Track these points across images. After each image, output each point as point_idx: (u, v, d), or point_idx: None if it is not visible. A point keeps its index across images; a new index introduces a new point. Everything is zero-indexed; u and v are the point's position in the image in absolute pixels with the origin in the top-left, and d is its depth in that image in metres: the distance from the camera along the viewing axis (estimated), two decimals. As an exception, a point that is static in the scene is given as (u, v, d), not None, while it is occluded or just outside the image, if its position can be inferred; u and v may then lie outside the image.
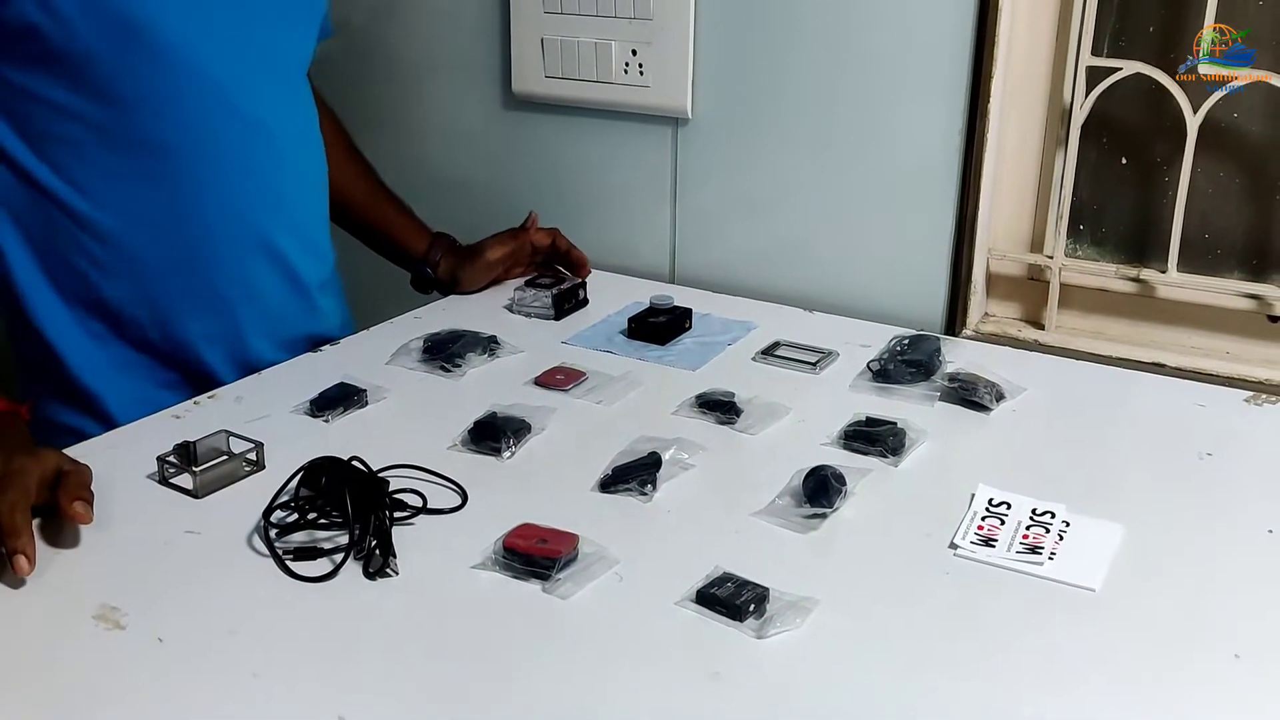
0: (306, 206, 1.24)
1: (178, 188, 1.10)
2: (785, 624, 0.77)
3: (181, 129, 1.08)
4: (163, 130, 1.07)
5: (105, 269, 1.10)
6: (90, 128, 1.05)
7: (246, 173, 1.13)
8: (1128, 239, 1.33)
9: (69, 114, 1.05)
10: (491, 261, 1.39)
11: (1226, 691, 0.73)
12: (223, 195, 1.12)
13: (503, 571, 0.83)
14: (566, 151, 1.52)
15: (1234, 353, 1.27)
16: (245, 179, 1.13)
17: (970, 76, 1.26)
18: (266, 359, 1.19)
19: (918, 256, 1.34)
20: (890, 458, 1.00)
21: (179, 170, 1.09)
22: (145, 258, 1.11)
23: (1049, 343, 1.31)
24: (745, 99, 1.39)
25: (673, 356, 1.23)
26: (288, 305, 1.21)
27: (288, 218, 1.19)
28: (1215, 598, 0.83)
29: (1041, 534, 0.88)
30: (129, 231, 1.09)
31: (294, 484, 0.91)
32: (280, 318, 1.21)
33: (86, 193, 1.08)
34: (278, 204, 1.17)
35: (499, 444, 1.01)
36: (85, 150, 1.06)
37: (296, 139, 1.21)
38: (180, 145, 1.09)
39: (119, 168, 1.07)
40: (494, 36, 1.52)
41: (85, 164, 1.07)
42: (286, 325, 1.22)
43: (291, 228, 1.20)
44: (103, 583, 0.82)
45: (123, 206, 1.09)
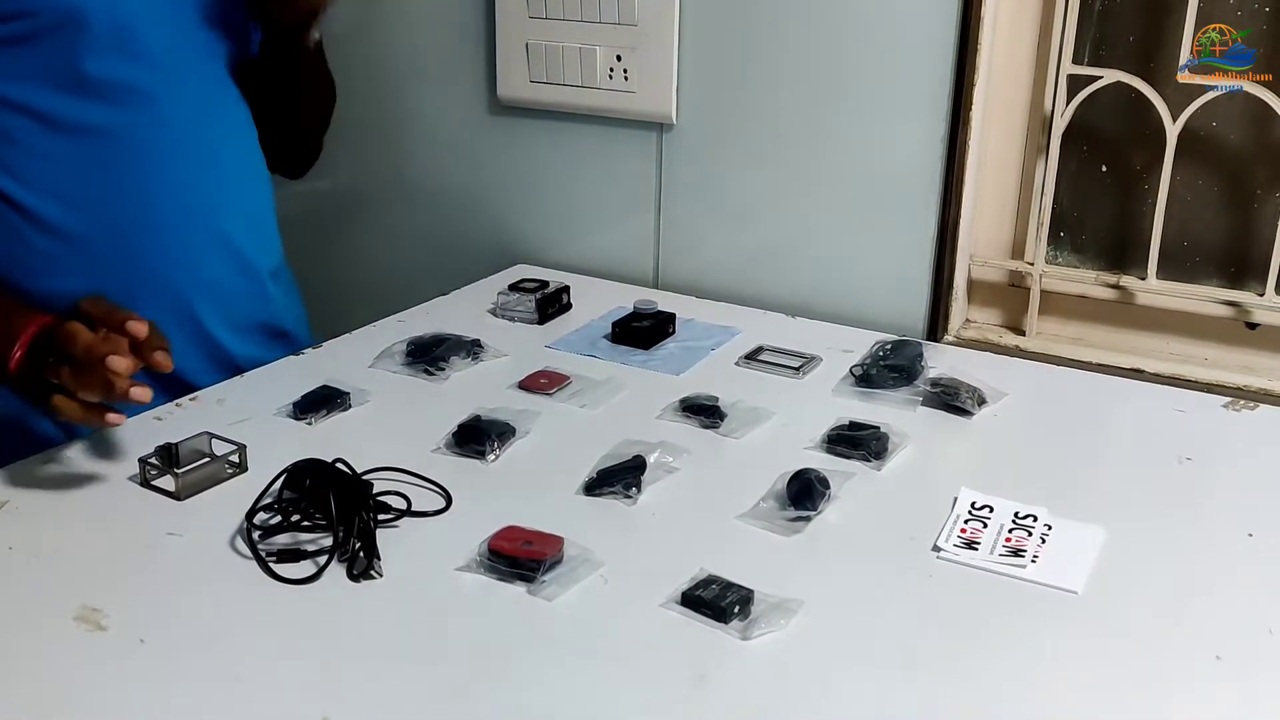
0: (251, 192, 1.22)
1: (123, 175, 1.08)
2: (770, 625, 0.78)
3: (126, 114, 1.07)
4: (107, 116, 1.07)
5: (53, 262, 1.08)
6: (31, 117, 1.04)
7: (191, 157, 1.13)
8: (1108, 246, 1.34)
9: (8, 104, 1.04)
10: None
11: (1207, 693, 0.74)
12: (168, 180, 1.11)
13: (487, 574, 0.83)
14: (551, 156, 1.52)
15: (1212, 359, 1.28)
16: (190, 163, 1.13)
17: (952, 85, 1.27)
18: (225, 346, 1.18)
19: (900, 263, 1.34)
20: (873, 461, 1.01)
21: (124, 157, 1.08)
22: (94, 248, 1.09)
23: (1030, 349, 1.32)
24: (730, 105, 1.39)
25: (656, 361, 1.23)
26: (240, 291, 1.20)
27: (234, 203, 1.18)
28: (1196, 600, 0.83)
29: (1024, 537, 0.89)
30: (75, 222, 1.08)
31: (277, 486, 0.90)
32: (234, 304, 1.19)
33: (29, 185, 1.06)
34: (223, 188, 1.17)
35: (483, 447, 1.00)
36: (26, 140, 1.05)
37: (235, 130, 1.20)
38: (125, 131, 1.08)
39: (62, 156, 1.06)
40: (479, 42, 1.52)
41: (26, 155, 1.05)
42: (241, 311, 1.20)
43: (238, 213, 1.19)
44: (84, 584, 0.81)
45: (68, 196, 1.07)
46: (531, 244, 1.56)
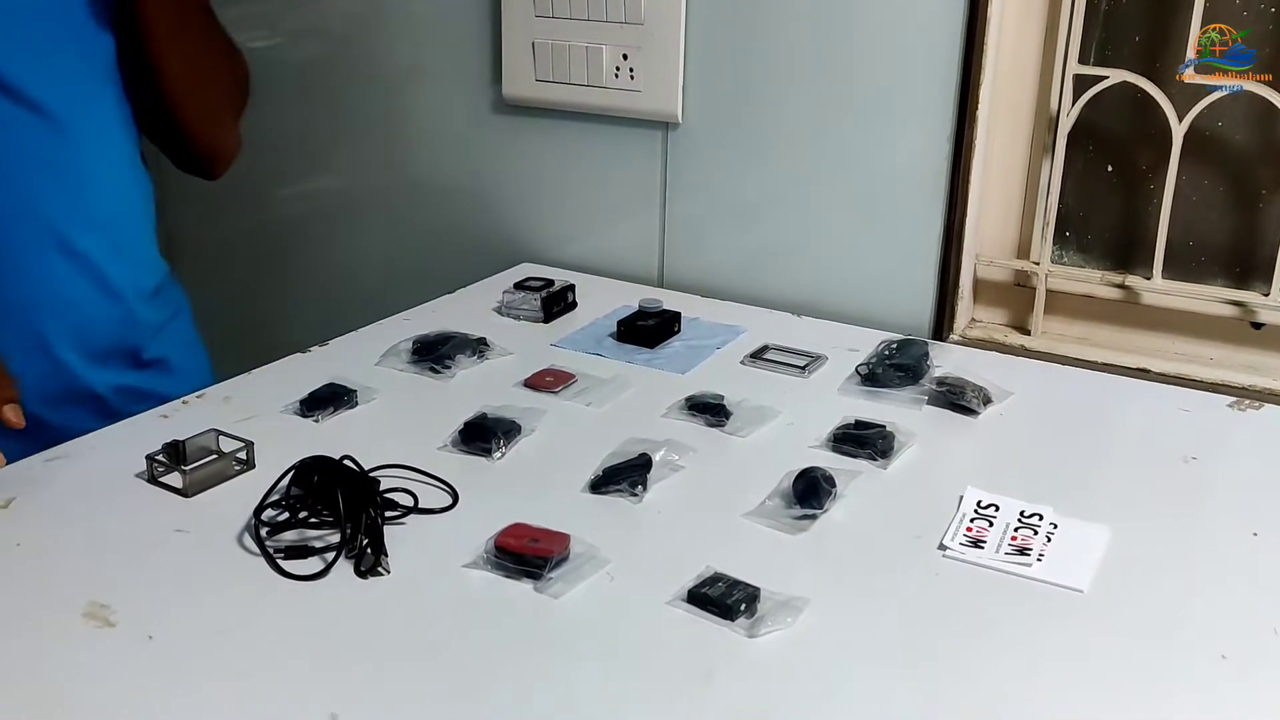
0: (115, 207, 1.14)
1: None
2: (776, 623, 0.78)
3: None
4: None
5: None
6: None
7: (36, 165, 1.06)
8: (1113, 246, 1.34)
9: None
10: None
11: (1213, 692, 0.74)
12: (14, 191, 1.05)
13: (494, 571, 0.83)
14: (557, 155, 1.53)
15: (1218, 359, 1.28)
16: (34, 172, 1.06)
17: (958, 84, 1.27)
18: (80, 375, 1.12)
19: (906, 262, 1.34)
20: (879, 460, 1.01)
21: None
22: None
23: (1035, 348, 1.32)
24: (735, 104, 1.40)
25: (662, 360, 1.23)
26: (98, 313, 1.13)
27: (90, 217, 1.11)
28: (1201, 599, 0.83)
29: (1030, 536, 0.89)
30: None
31: (285, 483, 0.91)
32: (91, 327, 1.12)
33: None
34: (77, 201, 1.09)
35: (489, 445, 1.01)
36: None
37: (99, 137, 1.12)
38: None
39: None
40: (484, 40, 1.52)
41: None
42: (99, 335, 1.13)
43: (96, 227, 1.11)
44: (92, 580, 0.81)
45: None
46: (537, 243, 1.57)
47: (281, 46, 1.69)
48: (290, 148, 1.71)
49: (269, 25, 1.69)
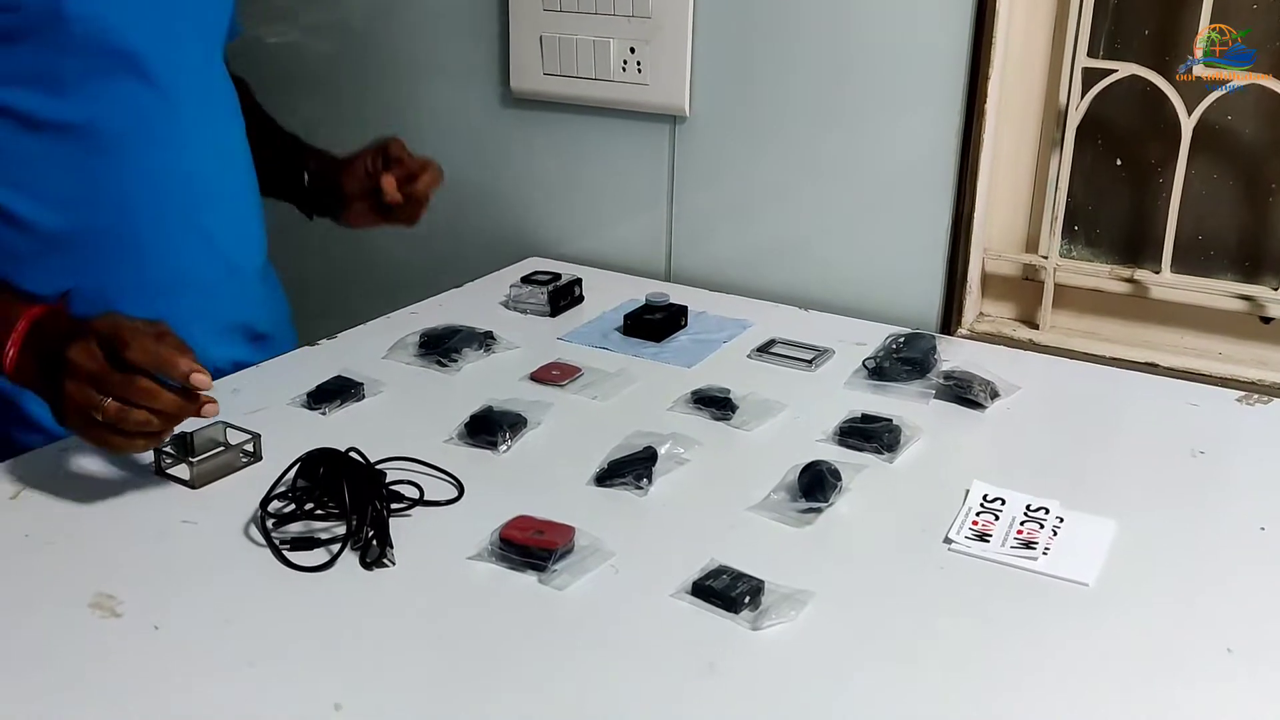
0: (233, 188, 1.19)
1: (98, 168, 1.06)
2: (780, 616, 0.78)
3: (101, 108, 1.04)
4: (82, 109, 1.04)
5: (24, 260, 1.04)
6: (8, 116, 1.01)
7: (169, 150, 1.09)
8: (1122, 240, 1.34)
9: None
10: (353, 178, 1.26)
11: (1219, 685, 0.74)
12: (145, 174, 1.08)
13: (499, 562, 0.83)
14: (564, 149, 1.53)
15: (1226, 353, 1.28)
16: (167, 157, 1.09)
17: (967, 78, 1.26)
18: (205, 351, 1.13)
19: (914, 256, 1.34)
20: (885, 454, 1.01)
21: (99, 150, 1.05)
22: (68, 245, 1.05)
23: (1043, 342, 1.32)
24: (743, 97, 1.39)
25: (668, 354, 1.23)
26: (222, 290, 1.16)
27: (215, 197, 1.15)
28: (1208, 593, 0.83)
29: (1036, 529, 0.89)
30: (49, 217, 1.04)
31: (291, 475, 0.91)
32: (215, 303, 1.16)
33: (6, 184, 1.03)
34: (203, 183, 1.13)
35: (495, 438, 1.01)
36: (2, 140, 1.02)
37: (217, 118, 1.16)
38: (100, 124, 1.05)
39: (39, 155, 1.03)
40: (492, 35, 1.52)
41: (2, 155, 1.02)
42: (222, 311, 1.17)
43: (220, 208, 1.15)
44: (99, 571, 0.82)
45: (40, 191, 1.04)
46: (544, 237, 1.57)
47: (296, 42, 1.69)
48: (299, 142, 1.71)
49: (286, 20, 1.69)
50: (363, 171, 1.23)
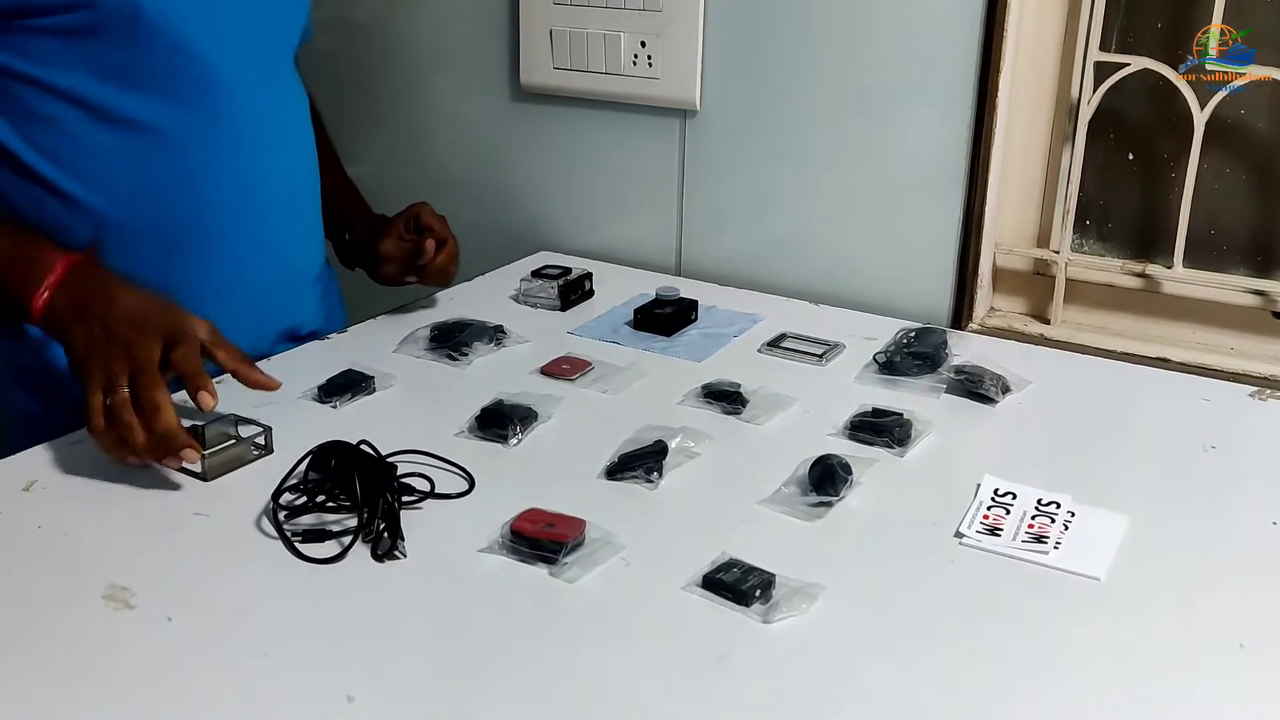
0: (299, 195, 1.22)
1: (167, 166, 1.08)
2: (791, 609, 0.78)
3: (173, 108, 1.06)
4: (157, 110, 1.06)
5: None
6: (82, 108, 1.04)
7: (237, 154, 1.11)
8: (1134, 235, 1.33)
9: (59, 94, 1.03)
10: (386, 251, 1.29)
11: (1230, 680, 0.74)
12: (213, 175, 1.10)
13: (510, 555, 0.84)
14: (574, 143, 1.53)
15: (1238, 348, 1.27)
16: (236, 160, 1.11)
17: (978, 71, 1.26)
18: (258, 352, 1.16)
19: (925, 250, 1.34)
20: (896, 448, 1.01)
21: (171, 153, 1.07)
22: (136, 241, 1.07)
23: (1054, 337, 1.32)
24: (754, 91, 1.39)
25: (678, 348, 1.23)
26: (277, 295, 1.19)
27: (281, 204, 1.17)
28: (1219, 588, 0.83)
29: (1047, 524, 0.88)
30: (120, 213, 1.07)
31: (303, 467, 0.91)
32: (269, 308, 1.19)
33: (74, 174, 1.05)
34: (270, 188, 1.15)
35: (506, 431, 1.01)
36: (74, 131, 1.04)
37: (287, 124, 1.19)
38: (171, 124, 1.07)
39: (110, 149, 1.05)
40: (502, 28, 1.52)
41: (73, 145, 1.05)
42: (275, 316, 1.20)
43: (284, 214, 1.18)
44: (111, 563, 0.82)
45: (112, 189, 1.06)
46: (554, 231, 1.57)
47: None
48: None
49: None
50: (397, 235, 1.28)
